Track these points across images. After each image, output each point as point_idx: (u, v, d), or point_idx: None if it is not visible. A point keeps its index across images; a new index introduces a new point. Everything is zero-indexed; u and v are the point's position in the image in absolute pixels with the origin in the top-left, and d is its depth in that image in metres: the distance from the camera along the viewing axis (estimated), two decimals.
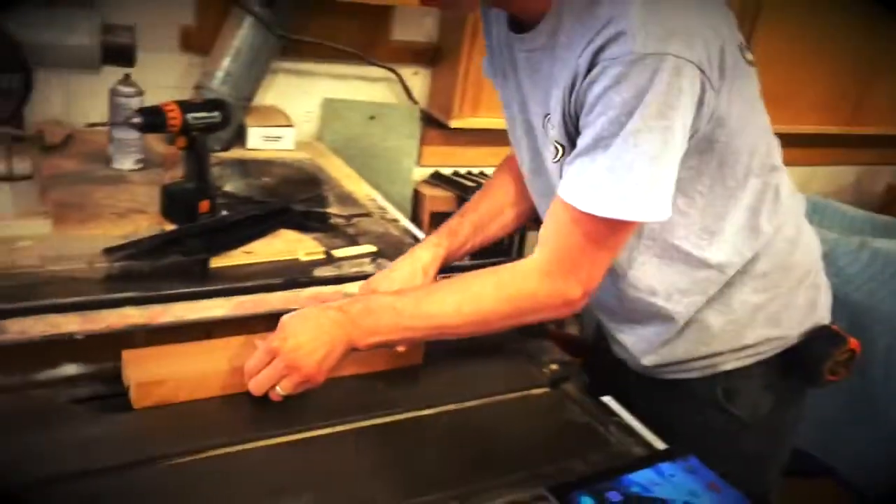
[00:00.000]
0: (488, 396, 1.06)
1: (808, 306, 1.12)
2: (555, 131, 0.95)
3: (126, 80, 1.58)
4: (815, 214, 1.90)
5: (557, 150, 0.96)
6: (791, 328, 1.10)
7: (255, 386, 0.93)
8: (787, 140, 1.09)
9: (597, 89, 0.85)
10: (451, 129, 2.16)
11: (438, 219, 2.24)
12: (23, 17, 1.20)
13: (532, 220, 1.23)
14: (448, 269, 1.20)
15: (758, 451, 1.15)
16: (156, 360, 0.96)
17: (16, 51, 1.15)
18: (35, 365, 0.99)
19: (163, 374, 0.94)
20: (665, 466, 0.92)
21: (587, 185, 0.88)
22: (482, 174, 2.31)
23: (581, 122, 0.89)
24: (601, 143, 0.86)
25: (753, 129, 0.98)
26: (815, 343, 1.09)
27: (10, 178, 1.28)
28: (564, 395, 1.09)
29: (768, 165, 1.02)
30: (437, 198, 2.23)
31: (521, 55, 1.00)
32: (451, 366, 1.11)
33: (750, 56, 0.96)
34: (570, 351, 1.19)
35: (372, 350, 0.97)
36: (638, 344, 1.14)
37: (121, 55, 1.28)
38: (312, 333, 0.92)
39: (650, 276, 1.06)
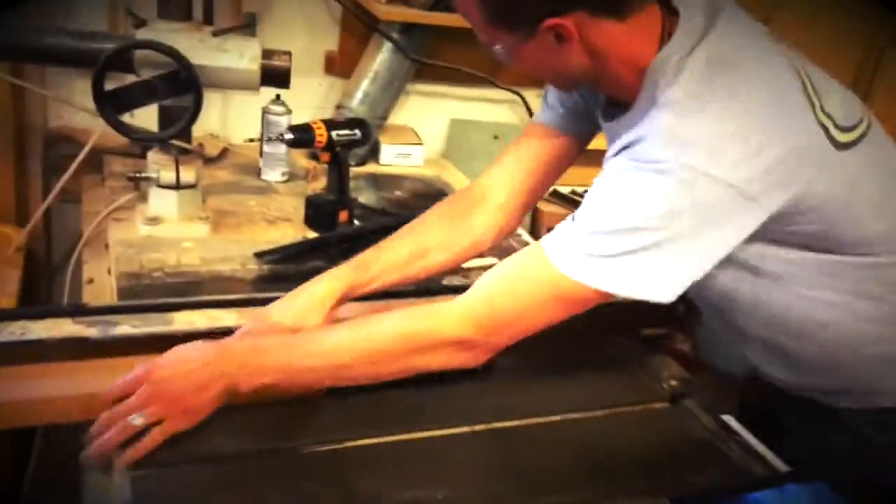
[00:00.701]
0: (610, 407, 1.09)
1: None
2: None
3: (277, 99, 1.73)
4: None
5: None
6: None
7: (108, 416, 0.83)
8: None
9: (608, 174, 0.88)
10: None
11: None
12: (195, 43, 1.34)
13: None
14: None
15: None
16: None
17: (191, 74, 1.30)
18: None
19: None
20: (791, 488, 0.90)
21: (570, 246, 0.87)
22: None
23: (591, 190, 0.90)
24: (601, 224, 0.86)
25: (855, 211, 0.93)
26: None
27: (177, 186, 1.43)
28: (685, 411, 1.11)
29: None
30: (555, 214, 2.28)
31: (608, 139, 1.03)
32: (574, 376, 1.15)
33: (847, 137, 0.91)
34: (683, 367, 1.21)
35: (258, 394, 0.89)
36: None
37: (278, 78, 1.41)
38: (188, 368, 0.85)
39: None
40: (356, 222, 1.56)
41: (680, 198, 0.82)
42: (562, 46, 0.88)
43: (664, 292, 0.86)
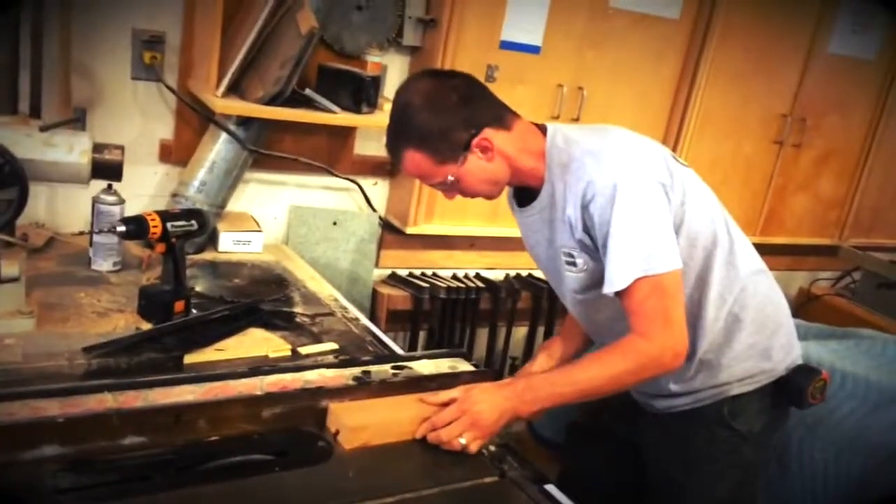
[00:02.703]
0: (442, 485, 1.16)
1: (788, 346, 1.46)
2: (575, 256, 1.34)
3: (109, 189, 1.71)
4: None
5: (585, 265, 1.33)
6: (778, 362, 1.44)
7: (445, 433, 1.22)
8: None
9: (595, 218, 1.26)
10: (406, 234, 2.33)
11: (396, 315, 2.39)
12: (21, 137, 1.33)
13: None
14: None
15: (753, 461, 1.47)
16: (358, 412, 1.23)
17: (16, 167, 1.28)
18: (19, 446, 1.05)
19: (366, 421, 1.21)
20: None
21: (627, 265, 1.23)
22: (435, 275, 2.47)
23: (597, 238, 1.28)
24: (611, 241, 1.24)
25: (706, 206, 1.37)
26: (799, 374, 1.44)
27: None
28: (511, 484, 1.20)
29: (724, 218, 1.42)
30: (395, 296, 2.37)
31: (528, 220, 1.40)
32: (407, 453, 1.22)
33: (681, 159, 1.41)
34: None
35: (532, 415, 1.29)
36: (658, 384, 1.43)
37: (110, 172, 1.42)
38: (491, 403, 1.25)
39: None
40: (194, 311, 1.56)
41: (640, 195, 1.24)
42: (488, 158, 1.29)
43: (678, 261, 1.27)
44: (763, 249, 3.02)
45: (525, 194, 1.40)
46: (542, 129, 1.36)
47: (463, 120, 1.28)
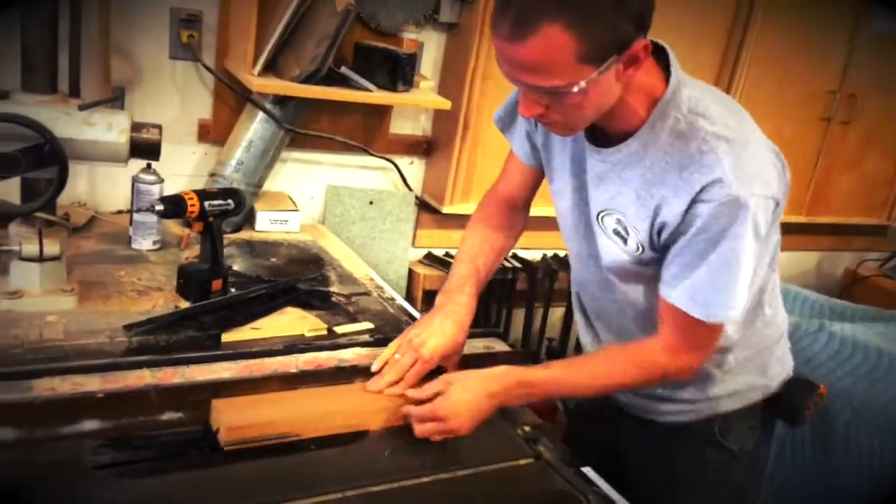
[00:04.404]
0: (477, 466, 1.16)
1: (783, 360, 1.36)
2: (631, 234, 1.15)
3: (148, 168, 1.72)
4: None
5: (639, 248, 1.15)
6: (773, 378, 1.34)
7: (419, 431, 1.15)
8: None
9: (699, 222, 1.05)
10: (443, 213, 2.32)
11: (432, 295, 2.37)
12: (60, 116, 1.34)
13: None
14: None
15: (743, 481, 1.37)
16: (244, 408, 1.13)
17: (56, 147, 1.29)
18: (60, 421, 1.08)
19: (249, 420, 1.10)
20: None
21: (701, 299, 1.09)
22: None
23: (678, 239, 1.08)
24: (703, 262, 1.06)
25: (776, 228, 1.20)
26: (796, 390, 1.35)
27: (40, 259, 1.40)
28: (547, 466, 1.19)
29: (777, 259, 1.26)
30: (431, 276, 2.36)
31: (597, 164, 1.16)
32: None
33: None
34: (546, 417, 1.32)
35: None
36: (647, 399, 1.34)
37: (148, 151, 1.41)
38: (471, 406, 1.15)
39: None
40: (231, 290, 1.58)
41: (758, 216, 1.04)
42: (625, 75, 0.99)
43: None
44: (808, 229, 2.96)
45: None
46: (663, 62, 1.09)
47: (637, 13, 0.94)
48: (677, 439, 1.35)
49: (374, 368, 1.26)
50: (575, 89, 0.95)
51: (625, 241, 1.16)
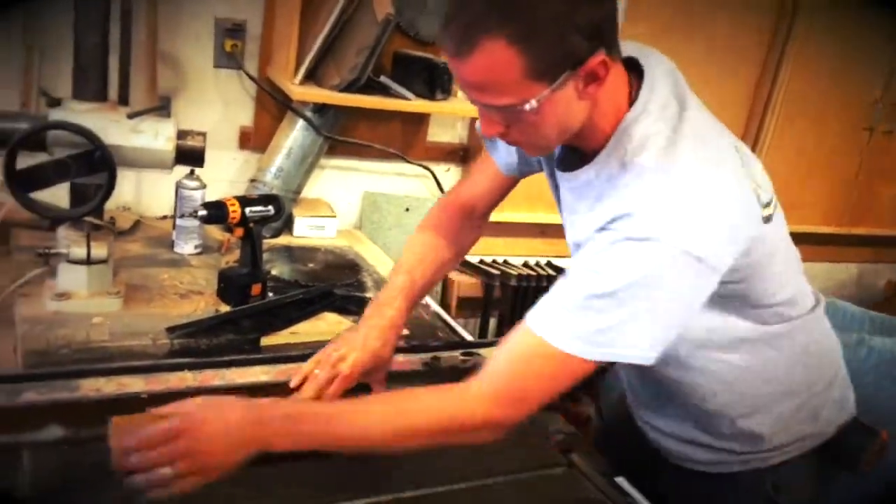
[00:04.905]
0: (511, 473, 1.16)
1: (841, 402, 1.24)
2: None
3: (191, 174, 1.76)
4: None
5: None
6: (828, 424, 1.22)
7: (147, 460, 0.85)
8: (793, 239, 1.19)
9: (589, 251, 0.95)
10: None
11: (466, 302, 2.39)
12: (110, 124, 1.38)
13: None
14: None
15: None
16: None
17: (105, 154, 1.33)
18: (106, 420, 1.10)
19: None
20: None
21: (560, 320, 0.93)
22: (505, 262, 2.46)
23: (575, 262, 0.98)
24: (571, 285, 0.94)
25: (768, 278, 1.06)
26: (852, 437, 1.22)
27: (88, 262, 1.44)
28: (580, 474, 1.19)
29: (789, 300, 1.13)
30: (465, 283, 2.38)
31: (564, 190, 1.11)
32: None
33: (768, 211, 1.02)
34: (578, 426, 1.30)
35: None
36: (688, 444, 1.24)
37: (192, 158, 1.45)
38: (225, 428, 0.88)
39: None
40: (270, 295, 1.60)
41: (663, 269, 0.90)
42: (586, 92, 0.91)
43: (649, 355, 0.94)
44: (849, 240, 2.90)
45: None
46: (631, 67, 1.00)
47: (589, 25, 0.86)
48: (719, 493, 1.23)
49: (292, 385, 1.16)
50: (527, 107, 0.89)
51: None
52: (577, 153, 1.05)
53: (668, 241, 0.89)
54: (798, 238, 1.15)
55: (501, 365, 0.98)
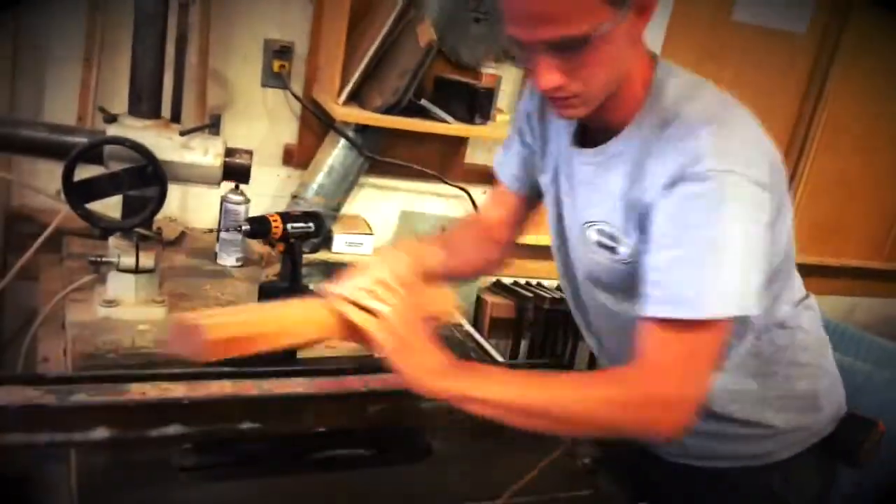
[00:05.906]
0: (538, 494, 1.17)
1: (836, 395, 1.26)
2: (622, 243, 1.03)
3: (236, 189, 1.82)
4: (849, 345, 1.98)
5: (632, 258, 1.02)
6: (827, 417, 1.23)
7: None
8: (831, 272, 1.18)
9: (672, 207, 0.93)
10: None
11: (499, 323, 2.41)
12: (163, 140, 1.45)
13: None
14: None
15: None
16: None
17: (158, 169, 1.39)
18: (149, 424, 1.15)
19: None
20: None
21: (681, 293, 0.90)
22: (539, 285, 2.48)
23: (653, 234, 0.95)
24: (683, 253, 0.91)
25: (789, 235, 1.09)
26: (850, 429, 1.24)
27: (136, 270, 1.50)
28: (606, 497, 1.21)
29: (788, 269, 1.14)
30: (498, 304, 2.40)
31: (581, 167, 1.09)
32: (502, 458, 1.24)
33: None
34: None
35: (447, 399, 0.97)
36: (697, 443, 1.21)
37: (239, 174, 1.51)
38: (425, 346, 0.99)
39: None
40: None
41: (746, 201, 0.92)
42: (637, 28, 0.94)
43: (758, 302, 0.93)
44: (891, 276, 2.83)
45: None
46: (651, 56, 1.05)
47: None
48: (721, 491, 1.25)
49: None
50: (602, 28, 0.88)
51: (613, 250, 1.04)
52: (590, 134, 1.09)
53: (739, 172, 0.91)
54: (838, 271, 1.14)
55: (655, 346, 0.92)
